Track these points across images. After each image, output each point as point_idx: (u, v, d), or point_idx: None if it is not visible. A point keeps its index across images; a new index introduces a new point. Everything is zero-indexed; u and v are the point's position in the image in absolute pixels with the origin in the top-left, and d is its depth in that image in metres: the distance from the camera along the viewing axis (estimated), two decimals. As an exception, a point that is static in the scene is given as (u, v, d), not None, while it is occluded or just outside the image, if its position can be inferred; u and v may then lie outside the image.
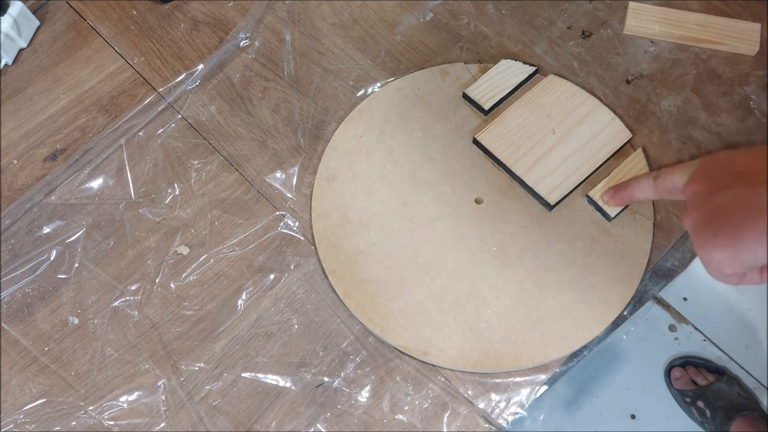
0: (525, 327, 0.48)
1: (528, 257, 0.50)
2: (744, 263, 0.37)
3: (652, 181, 0.46)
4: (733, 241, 0.37)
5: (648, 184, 0.46)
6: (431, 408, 0.47)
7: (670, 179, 0.44)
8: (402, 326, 0.48)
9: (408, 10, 0.61)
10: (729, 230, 0.37)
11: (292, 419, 0.47)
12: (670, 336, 1.26)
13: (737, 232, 0.37)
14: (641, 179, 0.47)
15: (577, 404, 1.22)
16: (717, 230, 0.38)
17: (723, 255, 0.38)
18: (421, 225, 0.51)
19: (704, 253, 0.39)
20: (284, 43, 0.60)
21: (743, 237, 0.36)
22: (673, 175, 0.44)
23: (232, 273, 0.51)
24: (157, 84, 0.59)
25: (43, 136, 0.57)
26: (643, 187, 0.47)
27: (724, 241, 0.37)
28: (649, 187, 0.46)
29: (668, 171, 0.44)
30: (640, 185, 0.47)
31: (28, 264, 0.52)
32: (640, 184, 0.47)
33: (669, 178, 0.44)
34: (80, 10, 0.63)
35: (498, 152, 0.52)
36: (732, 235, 0.37)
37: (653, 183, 0.45)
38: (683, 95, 0.55)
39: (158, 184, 0.55)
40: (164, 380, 0.48)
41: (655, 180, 0.45)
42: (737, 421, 1.10)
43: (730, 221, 0.37)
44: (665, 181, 0.44)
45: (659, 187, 0.45)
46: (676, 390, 1.19)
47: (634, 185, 0.47)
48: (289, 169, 0.55)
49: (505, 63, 0.56)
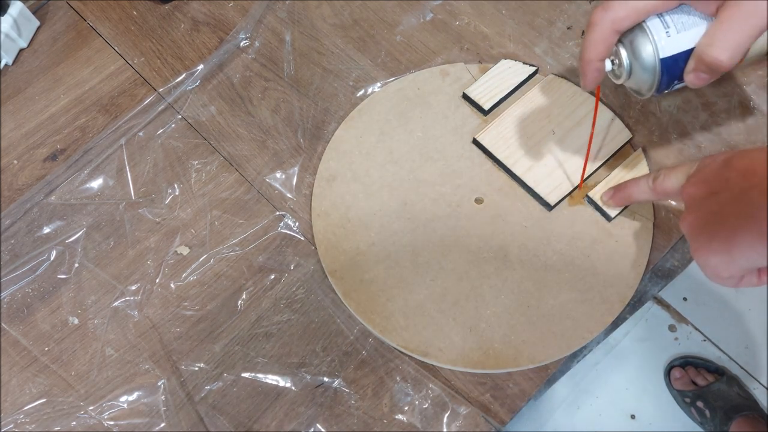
0: (525, 327, 0.48)
1: (528, 257, 0.50)
2: (740, 267, 0.37)
3: (650, 183, 0.45)
4: (728, 245, 0.37)
5: (646, 186, 0.46)
6: (431, 408, 0.47)
7: (668, 181, 0.44)
8: (402, 326, 0.48)
9: (408, 10, 0.61)
10: (724, 234, 0.37)
11: (292, 419, 0.47)
12: (670, 336, 1.26)
13: (732, 236, 0.36)
14: (640, 180, 0.47)
15: (577, 404, 1.22)
16: (712, 234, 0.38)
17: (719, 259, 0.38)
18: (421, 225, 0.51)
19: (701, 258, 0.39)
20: (284, 43, 0.60)
21: (738, 241, 0.36)
22: (670, 177, 0.43)
23: (232, 273, 0.51)
24: (157, 84, 0.59)
25: (43, 136, 0.57)
26: (641, 189, 0.47)
27: (719, 246, 0.37)
28: (647, 189, 0.46)
29: (666, 173, 0.44)
30: (638, 186, 0.47)
31: (28, 264, 0.52)
32: (639, 186, 0.47)
33: (666, 181, 0.44)
34: (80, 10, 0.63)
35: (498, 152, 0.52)
36: (727, 239, 0.37)
37: (651, 185, 0.45)
38: (683, 95, 0.56)
39: (158, 184, 0.55)
40: (164, 380, 0.48)
41: (653, 182, 0.45)
42: (737, 422, 1.10)
43: (724, 225, 0.37)
44: (662, 183, 0.44)
45: (657, 189, 0.45)
46: (676, 390, 1.19)
47: (633, 186, 0.47)
48: (289, 170, 0.55)
49: (505, 63, 0.56)
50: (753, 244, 0.36)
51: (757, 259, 0.36)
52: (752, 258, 0.36)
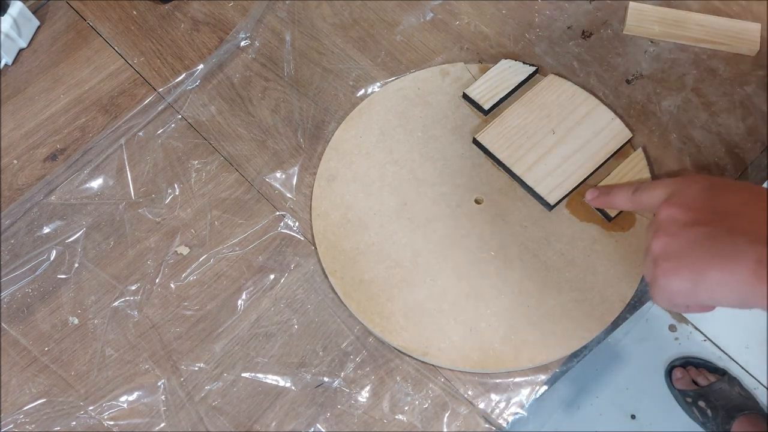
0: (525, 327, 0.48)
1: (528, 257, 0.50)
2: (699, 299, 0.37)
3: (630, 194, 0.46)
4: (697, 277, 0.37)
5: (627, 195, 0.46)
6: (431, 408, 0.47)
7: (647, 196, 0.44)
8: (402, 326, 0.48)
9: (408, 10, 0.61)
10: (696, 266, 0.37)
11: (292, 419, 0.47)
12: (670, 336, 1.26)
13: (703, 270, 0.37)
14: (622, 188, 0.47)
15: (577, 404, 1.22)
16: (684, 261, 0.38)
17: (681, 286, 0.38)
18: (421, 225, 0.51)
19: (664, 279, 0.39)
20: (284, 43, 0.60)
21: (708, 276, 0.36)
22: (651, 192, 0.43)
23: (232, 273, 0.51)
24: (157, 84, 0.59)
25: (43, 136, 0.57)
26: (622, 197, 0.47)
27: (687, 274, 0.37)
28: (627, 198, 0.46)
29: (647, 187, 0.44)
30: (620, 194, 0.47)
31: (28, 264, 0.52)
32: (620, 193, 0.47)
33: (646, 195, 0.44)
34: (80, 10, 0.63)
35: (498, 152, 0.52)
36: (698, 271, 0.37)
37: (631, 196, 0.45)
38: (683, 95, 0.55)
39: (158, 184, 0.55)
40: (164, 380, 0.48)
41: (634, 193, 0.45)
42: (739, 420, 1.10)
43: (700, 258, 0.37)
44: (642, 196, 0.44)
45: (635, 201, 0.45)
46: (678, 390, 1.19)
47: (616, 193, 0.47)
48: (289, 169, 0.55)
49: (505, 63, 0.56)
50: (722, 285, 0.36)
51: (719, 298, 0.36)
52: (715, 296, 0.36)
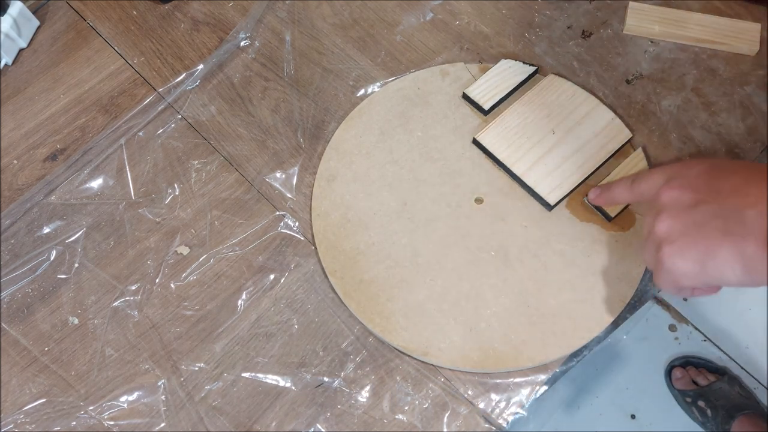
0: (525, 327, 0.48)
1: (528, 257, 0.50)
2: (706, 280, 0.37)
3: (629, 185, 0.46)
4: (705, 257, 0.37)
5: (626, 187, 0.46)
6: (431, 408, 0.47)
7: (646, 183, 0.44)
8: (402, 326, 0.48)
9: (408, 10, 0.61)
10: (703, 246, 0.37)
11: (292, 419, 0.47)
12: (670, 336, 1.26)
13: (711, 250, 0.36)
14: (622, 181, 0.47)
15: (577, 404, 1.22)
16: (690, 243, 0.37)
17: (689, 268, 0.38)
18: (421, 225, 0.51)
19: (670, 261, 0.38)
20: (284, 43, 0.60)
21: (716, 255, 0.36)
22: (649, 179, 0.43)
23: (232, 273, 0.51)
24: (157, 84, 0.59)
25: (43, 136, 0.57)
26: (621, 189, 0.47)
27: (694, 255, 0.37)
28: (626, 190, 0.46)
29: (644, 175, 0.44)
30: (620, 187, 0.47)
31: (28, 264, 0.52)
32: (620, 186, 0.47)
33: (645, 183, 0.44)
34: (80, 10, 0.63)
35: (498, 152, 0.52)
36: (705, 251, 0.37)
37: (630, 185, 0.45)
38: (683, 95, 0.55)
39: (158, 184, 0.55)
40: (164, 380, 0.48)
41: (632, 183, 0.45)
42: (739, 420, 1.10)
43: (706, 237, 0.37)
44: (640, 184, 0.44)
45: (634, 190, 0.45)
46: (677, 390, 1.19)
47: (616, 187, 0.47)
48: (289, 169, 0.55)
49: (505, 63, 0.56)
50: (730, 263, 0.36)
51: (728, 277, 0.36)
52: (724, 275, 0.36)
